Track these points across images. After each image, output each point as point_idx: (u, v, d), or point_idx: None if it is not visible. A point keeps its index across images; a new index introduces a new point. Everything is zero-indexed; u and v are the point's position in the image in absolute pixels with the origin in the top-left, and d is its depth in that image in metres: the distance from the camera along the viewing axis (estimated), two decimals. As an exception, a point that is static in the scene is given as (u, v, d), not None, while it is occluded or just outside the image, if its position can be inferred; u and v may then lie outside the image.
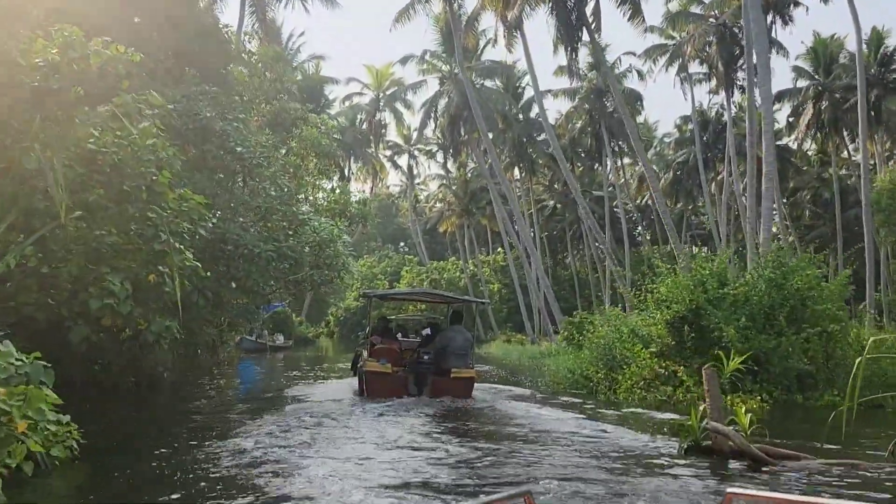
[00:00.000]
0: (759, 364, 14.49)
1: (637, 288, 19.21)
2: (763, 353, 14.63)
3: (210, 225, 13.90)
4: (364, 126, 52.64)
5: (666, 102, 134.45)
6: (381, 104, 53.77)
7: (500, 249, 72.17)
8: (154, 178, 9.95)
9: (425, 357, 14.77)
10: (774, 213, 44.19)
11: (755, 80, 30.21)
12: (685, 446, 8.87)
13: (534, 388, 19.39)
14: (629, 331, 16.88)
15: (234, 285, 14.03)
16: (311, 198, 19.30)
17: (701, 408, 8.93)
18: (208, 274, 13.91)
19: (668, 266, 17.46)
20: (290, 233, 15.02)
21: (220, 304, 14.34)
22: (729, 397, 14.41)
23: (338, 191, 21.97)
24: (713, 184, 67.11)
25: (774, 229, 59.56)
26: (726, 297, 15.38)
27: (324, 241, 15.10)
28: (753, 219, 34.06)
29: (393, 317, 46.85)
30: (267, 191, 15.32)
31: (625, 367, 15.91)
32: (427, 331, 17.72)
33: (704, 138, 58.13)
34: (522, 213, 60.58)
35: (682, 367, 14.96)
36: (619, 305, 50.35)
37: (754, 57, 30.96)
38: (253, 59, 20.51)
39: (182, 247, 10.11)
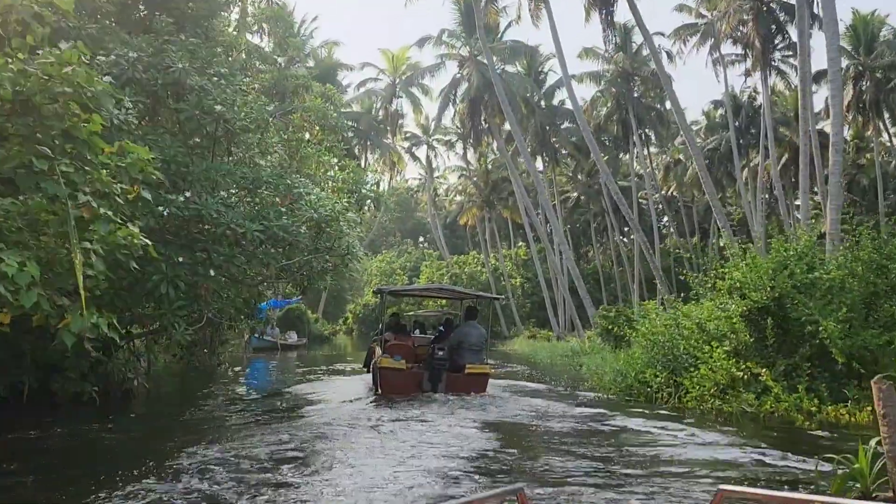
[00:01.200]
0: (864, 365, 11.43)
1: (669, 277, 16.07)
2: (869, 352, 11.57)
3: (181, 199, 11.06)
4: (380, 113, 49.62)
5: (692, 91, 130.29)
6: (398, 90, 50.75)
7: (521, 243, 69.14)
8: (76, 119, 7.09)
9: (439, 353, 14.44)
10: (816, 194, 40.83)
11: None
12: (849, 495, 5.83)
13: (578, 393, 16.32)
14: (693, 325, 13.82)
15: (212, 273, 11.06)
16: (315, 175, 16.38)
17: (871, 443, 5.93)
18: (181, 260, 11.09)
19: (742, 243, 14.41)
20: (283, 210, 12.02)
21: (199, 297, 11.40)
22: (831, 408, 11.35)
23: (348, 170, 18.98)
24: (745, 171, 63.77)
25: (812, 219, 56.18)
26: (818, 283, 12.29)
27: (323, 218, 12.12)
28: (804, 202, 30.82)
29: (412, 313, 44.77)
30: (255, 160, 12.42)
31: (692, 369, 12.85)
32: (440, 327, 17.69)
33: (737, 124, 54.78)
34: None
35: (766, 370, 11.87)
36: (649, 300, 47.10)
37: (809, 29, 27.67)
38: (249, 19, 17.63)
39: (117, 215, 7.23)
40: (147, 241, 7.79)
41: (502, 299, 49.85)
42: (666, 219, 72.04)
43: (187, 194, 11.30)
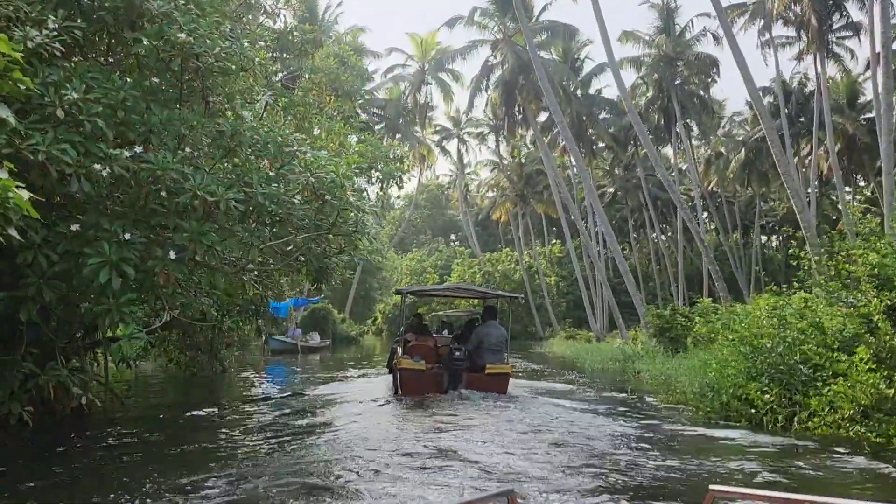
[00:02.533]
0: None
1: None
2: None
3: (127, 156, 8.00)
4: (408, 101, 46.35)
5: (735, 81, 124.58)
6: (427, 76, 47.40)
7: (554, 241, 65.61)
8: None
9: (457, 353, 13.98)
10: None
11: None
12: None
13: (660, 412, 12.76)
14: (807, 325, 10.36)
15: (173, 256, 7.96)
16: (327, 148, 13.19)
17: None
18: (127, 237, 7.99)
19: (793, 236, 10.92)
20: (272, 174, 8.86)
21: (156, 289, 8.31)
22: None
23: (366, 142, 15.80)
24: (794, 160, 59.47)
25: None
26: None
27: (323, 184, 8.92)
28: (888, 183, 27.02)
29: (441, 312, 41.69)
30: (235, 110, 9.31)
31: (818, 383, 9.40)
32: (462, 327, 17.59)
33: (787, 111, 50.70)
34: (584, 199, 53.99)
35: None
36: (694, 299, 43.49)
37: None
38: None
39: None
40: (28, 207, 4.72)
41: (521, 298, 46.57)
42: (706, 215, 67.94)
43: (137, 149, 8.21)
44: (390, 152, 16.24)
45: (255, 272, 10.80)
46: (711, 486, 2.42)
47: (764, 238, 72.70)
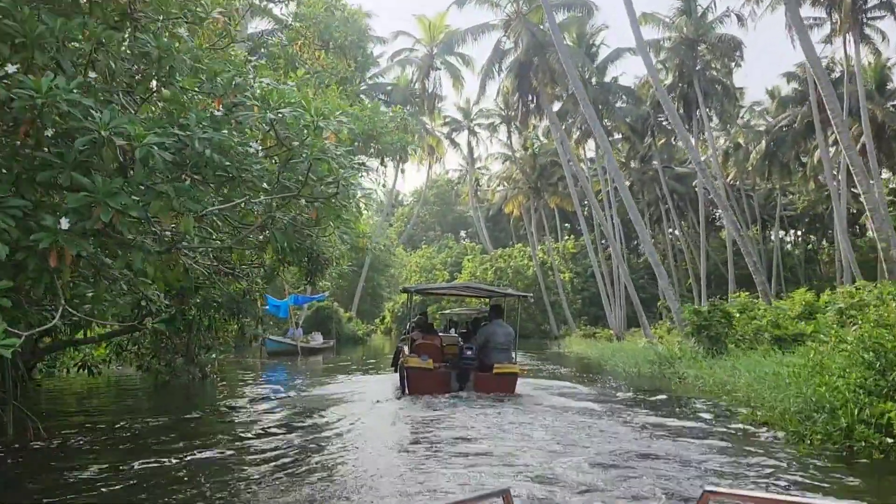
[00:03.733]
0: None
1: None
2: None
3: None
4: (416, 86, 43.33)
5: (754, 68, 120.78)
6: (436, 61, 44.38)
7: (566, 238, 62.71)
8: None
9: (468, 353, 13.80)
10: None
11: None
12: None
13: (748, 434, 9.69)
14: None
15: (64, 225, 5.15)
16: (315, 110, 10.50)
17: None
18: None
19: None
20: (219, 113, 6.06)
21: (44, 273, 5.57)
22: None
23: (361, 108, 13.00)
24: (814, 154, 56.26)
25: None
26: None
27: (288, 125, 6.11)
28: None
29: (447, 311, 39.24)
30: (170, 29, 6.58)
31: None
32: (469, 325, 17.59)
33: (811, 98, 47.56)
34: (599, 193, 51.15)
35: None
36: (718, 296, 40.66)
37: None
38: None
39: None
40: None
41: (531, 297, 44.58)
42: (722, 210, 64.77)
43: (10, 68, 5.49)
44: (393, 120, 13.54)
45: (204, 252, 8.01)
46: (706, 487, 2.15)
47: (781, 233, 69.65)
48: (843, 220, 41.50)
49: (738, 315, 21.51)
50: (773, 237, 69.08)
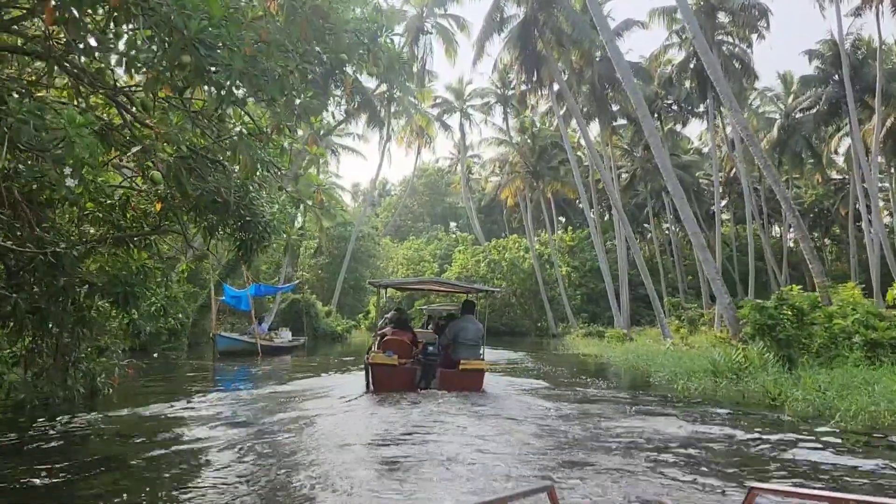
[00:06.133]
0: None
1: None
2: None
3: None
4: (404, 50, 37.73)
5: (765, 49, 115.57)
6: (426, 24, 38.74)
7: (563, 230, 57.56)
8: None
9: (430, 348, 13.01)
10: None
11: None
12: None
13: None
14: None
15: None
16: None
17: None
18: None
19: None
20: None
21: None
22: None
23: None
24: (831, 142, 51.39)
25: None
26: None
27: None
28: None
29: (425, 307, 34.86)
30: None
31: None
32: (439, 321, 17.41)
33: (836, 77, 42.67)
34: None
35: None
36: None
37: None
38: None
39: None
40: None
41: (499, 292, 40.35)
42: (724, 202, 59.90)
43: None
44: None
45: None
46: (752, 484, 2.05)
47: (780, 228, 65.08)
48: (877, 207, 36.49)
49: (811, 313, 16.38)
50: (776, 232, 64.52)
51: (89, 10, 4.73)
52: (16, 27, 6.55)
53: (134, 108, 6.54)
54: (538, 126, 49.24)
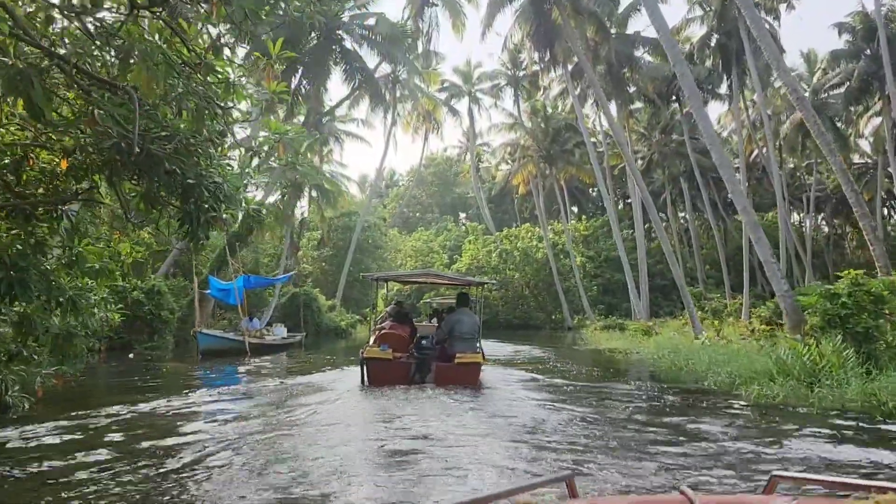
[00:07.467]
0: None
1: None
2: None
3: None
4: (408, 23, 34.58)
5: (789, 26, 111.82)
6: (432, -5, 35.79)
7: (577, 219, 54.64)
8: None
9: (423, 342, 12.83)
10: None
11: None
12: None
13: None
14: None
15: None
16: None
17: None
18: None
19: None
20: None
21: None
22: None
23: None
24: (859, 122, 48.22)
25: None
26: None
27: None
28: None
29: (428, 300, 32.26)
30: None
31: None
32: (436, 315, 17.71)
33: (867, 52, 39.61)
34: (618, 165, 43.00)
35: None
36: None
37: None
38: None
39: None
40: None
41: (495, 285, 37.97)
42: (744, 187, 56.68)
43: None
44: None
45: None
46: (774, 472, 1.95)
47: (799, 215, 62.06)
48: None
49: (892, 301, 13.52)
50: (797, 219, 61.45)
51: None
52: None
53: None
54: (550, 109, 46.35)
